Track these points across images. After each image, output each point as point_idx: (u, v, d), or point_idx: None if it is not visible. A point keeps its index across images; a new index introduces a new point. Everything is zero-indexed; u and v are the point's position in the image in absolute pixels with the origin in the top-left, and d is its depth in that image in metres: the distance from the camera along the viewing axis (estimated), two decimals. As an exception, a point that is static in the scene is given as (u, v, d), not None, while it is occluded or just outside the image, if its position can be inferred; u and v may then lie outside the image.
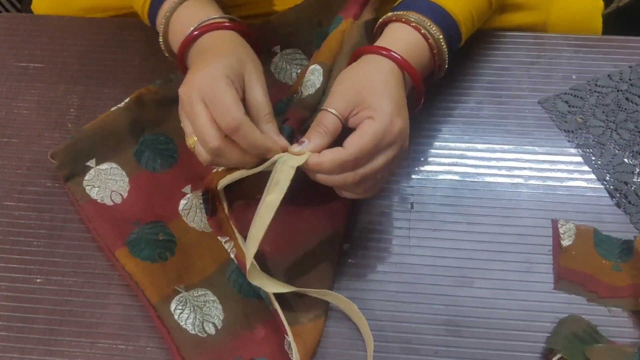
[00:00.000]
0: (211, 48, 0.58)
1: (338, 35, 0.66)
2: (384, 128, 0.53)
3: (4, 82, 0.73)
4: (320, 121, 0.54)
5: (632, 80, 0.70)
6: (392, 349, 0.57)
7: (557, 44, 0.73)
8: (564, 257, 0.60)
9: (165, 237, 0.62)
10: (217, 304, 0.59)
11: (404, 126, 0.55)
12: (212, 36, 0.59)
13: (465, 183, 0.65)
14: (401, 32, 0.59)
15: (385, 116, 0.53)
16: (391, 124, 0.53)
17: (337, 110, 0.54)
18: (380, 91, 0.54)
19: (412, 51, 0.58)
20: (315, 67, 0.63)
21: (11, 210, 0.65)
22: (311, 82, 0.62)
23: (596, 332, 0.56)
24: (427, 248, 0.62)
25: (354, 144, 0.53)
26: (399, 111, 0.54)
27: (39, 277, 0.62)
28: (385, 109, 0.53)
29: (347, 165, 0.53)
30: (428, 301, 0.59)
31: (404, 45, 0.58)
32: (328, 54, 0.64)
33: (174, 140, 0.66)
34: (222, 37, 0.59)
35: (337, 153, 0.53)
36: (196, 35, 0.59)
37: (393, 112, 0.53)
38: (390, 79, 0.56)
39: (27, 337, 0.59)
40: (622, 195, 0.63)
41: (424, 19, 0.59)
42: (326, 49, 0.65)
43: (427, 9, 0.60)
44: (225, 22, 0.60)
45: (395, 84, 0.56)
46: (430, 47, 0.59)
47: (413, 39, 0.59)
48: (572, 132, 0.68)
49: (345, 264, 0.61)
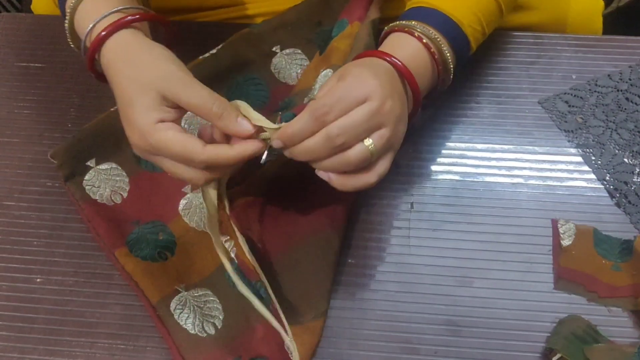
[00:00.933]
0: (122, 70, 0.53)
1: (348, 39, 0.66)
2: (356, 82, 0.51)
3: (4, 82, 0.73)
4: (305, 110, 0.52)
5: (632, 80, 0.70)
6: (392, 349, 0.57)
7: (557, 44, 0.73)
8: (564, 257, 0.60)
9: (165, 236, 0.62)
10: (217, 303, 0.59)
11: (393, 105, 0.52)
12: (118, 43, 0.54)
13: (465, 183, 0.65)
14: (401, 41, 0.58)
15: (359, 76, 0.51)
16: (364, 81, 0.51)
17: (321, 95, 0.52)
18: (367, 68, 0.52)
19: (412, 60, 0.57)
20: (327, 71, 0.63)
21: (11, 210, 0.65)
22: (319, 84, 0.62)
23: (596, 332, 0.56)
24: (427, 248, 0.62)
25: (321, 94, 0.51)
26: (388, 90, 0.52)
27: (39, 277, 0.62)
28: (356, 66, 0.52)
29: (312, 117, 0.50)
30: (428, 301, 0.59)
31: (404, 53, 0.57)
32: (339, 55, 0.64)
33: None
34: (129, 48, 0.54)
35: (303, 115, 0.51)
36: (104, 36, 0.54)
37: (373, 79, 0.51)
38: (385, 73, 0.54)
39: (27, 337, 0.59)
40: (622, 195, 0.63)
41: (434, 32, 0.58)
42: (337, 52, 0.65)
43: (438, 21, 0.59)
44: (128, 16, 0.55)
45: (388, 78, 0.54)
46: (432, 55, 0.58)
47: (413, 48, 0.58)
48: (572, 132, 0.68)
49: (345, 264, 0.61)
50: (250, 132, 0.51)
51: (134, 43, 0.54)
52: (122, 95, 0.52)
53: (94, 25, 0.55)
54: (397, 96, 0.53)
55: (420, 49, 0.58)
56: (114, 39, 0.54)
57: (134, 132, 0.51)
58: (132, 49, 0.53)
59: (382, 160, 0.53)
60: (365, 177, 0.53)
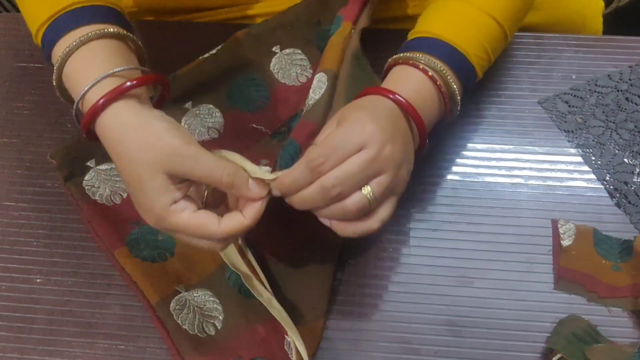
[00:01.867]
0: (125, 152, 0.50)
1: (340, 41, 0.65)
2: (352, 129, 0.49)
3: (3, 83, 0.73)
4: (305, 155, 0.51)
5: (632, 80, 0.70)
6: (392, 349, 0.57)
7: (557, 44, 0.73)
8: (564, 257, 0.60)
9: (165, 237, 0.62)
10: (217, 304, 0.59)
11: (393, 150, 0.50)
12: (115, 118, 0.50)
13: (465, 183, 0.65)
14: (406, 74, 0.56)
15: (357, 121, 0.49)
16: (361, 127, 0.49)
17: None
18: (366, 112, 0.51)
19: (418, 94, 0.55)
20: (320, 75, 0.63)
21: (10, 211, 0.65)
22: (315, 90, 0.62)
23: (596, 332, 0.56)
24: (427, 248, 0.62)
25: (314, 144, 0.51)
26: (389, 134, 0.50)
27: (39, 277, 0.61)
28: (361, 118, 0.50)
29: (308, 168, 0.49)
30: (428, 301, 0.59)
31: (409, 88, 0.55)
32: (333, 61, 0.64)
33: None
34: (128, 125, 0.50)
35: (299, 164, 0.50)
36: (100, 107, 0.50)
37: (367, 118, 0.50)
38: (387, 114, 0.52)
39: (27, 337, 0.59)
40: (622, 195, 0.63)
41: (439, 64, 0.56)
42: (329, 55, 0.64)
43: (443, 52, 0.57)
44: (126, 82, 0.50)
45: (391, 120, 0.52)
46: (439, 88, 0.56)
47: (419, 82, 0.56)
48: (572, 132, 0.68)
49: (345, 264, 0.61)
50: (264, 195, 0.51)
51: (132, 118, 0.50)
52: (130, 180, 0.50)
53: (88, 89, 0.51)
54: (399, 138, 0.51)
55: (426, 82, 0.56)
56: (110, 113, 0.50)
57: (149, 216, 0.51)
58: (131, 126, 0.50)
59: (384, 206, 0.52)
60: (367, 223, 0.52)
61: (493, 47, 0.60)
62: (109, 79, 0.51)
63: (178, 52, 0.73)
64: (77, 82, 0.52)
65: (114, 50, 0.53)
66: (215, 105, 0.68)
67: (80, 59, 0.52)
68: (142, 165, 0.49)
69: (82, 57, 0.52)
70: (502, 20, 0.60)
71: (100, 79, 0.51)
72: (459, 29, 0.58)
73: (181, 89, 0.67)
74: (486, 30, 0.60)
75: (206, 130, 0.67)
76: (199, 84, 0.68)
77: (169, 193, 0.49)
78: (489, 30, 0.60)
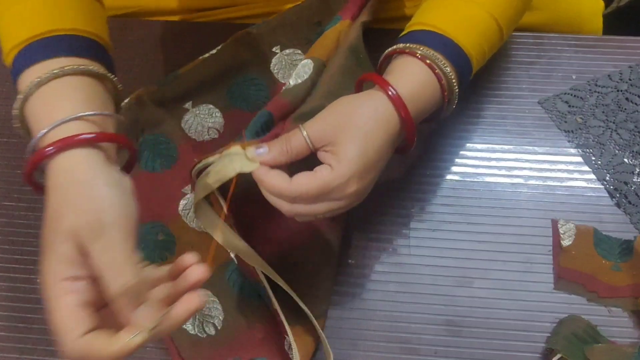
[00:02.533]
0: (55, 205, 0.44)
1: (334, 35, 0.66)
2: (337, 184, 0.50)
3: (4, 82, 0.73)
4: (289, 138, 0.51)
5: (632, 80, 0.70)
6: (392, 349, 0.57)
7: (557, 44, 0.73)
8: (564, 257, 0.60)
9: (165, 237, 0.62)
10: (217, 304, 0.59)
11: (360, 189, 0.51)
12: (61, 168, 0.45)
13: (465, 183, 0.65)
14: (412, 67, 0.55)
15: (344, 174, 0.50)
16: (346, 184, 0.50)
17: (310, 137, 0.51)
18: (357, 141, 0.51)
19: (421, 90, 0.55)
20: (306, 61, 0.63)
21: (11, 211, 0.65)
22: (300, 74, 0.62)
23: (596, 332, 0.56)
24: (427, 248, 0.62)
25: (300, 185, 0.50)
26: (363, 172, 0.51)
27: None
28: (348, 166, 0.50)
29: (285, 197, 0.51)
30: (428, 301, 0.59)
31: (414, 84, 0.54)
32: (322, 51, 0.64)
33: (173, 140, 0.66)
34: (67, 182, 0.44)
35: (281, 182, 0.50)
36: (51, 153, 0.44)
37: (355, 172, 0.50)
38: (378, 127, 0.52)
39: (27, 337, 0.59)
40: (622, 195, 0.63)
41: (437, 55, 0.56)
42: (320, 46, 0.65)
43: (439, 43, 0.56)
44: (82, 134, 0.45)
45: (380, 134, 0.52)
46: (442, 85, 0.55)
47: (424, 77, 0.55)
48: (572, 132, 0.67)
49: (345, 264, 0.61)
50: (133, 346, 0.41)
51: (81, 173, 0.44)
52: (44, 237, 0.44)
53: (47, 132, 0.45)
54: (368, 174, 0.52)
55: (425, 70, 0.55)
56: (63, 159, 0.45)
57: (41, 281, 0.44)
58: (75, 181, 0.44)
59: None
60: None
61: (490, 46, 0.60)
62: (74, 123, 0.46)
63: (178, 52, 0.73)
64: (38, 119, 0.47)
65: (88, 91, 0.48)
66: (215, 105, 0.68)
67: (44, 99, 0.47)
68: (60, 224, 0.43)
69: (52, 93, 0.47)
70: (501, 21, 0.60)
71: (60, 123, 0.45)
72: (460, 24, 0.58)
73: (181, 89, 0.67)
74: (486, 29, 0.59)
75: (206, 130, 0.67)
76: (199, 84, 0.68)
77: (69, 266, 0.42)
78: (488, 29, 0.60)
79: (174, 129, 0.66)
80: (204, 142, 0.67)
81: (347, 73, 0.63)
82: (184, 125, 0.67)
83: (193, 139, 0.67)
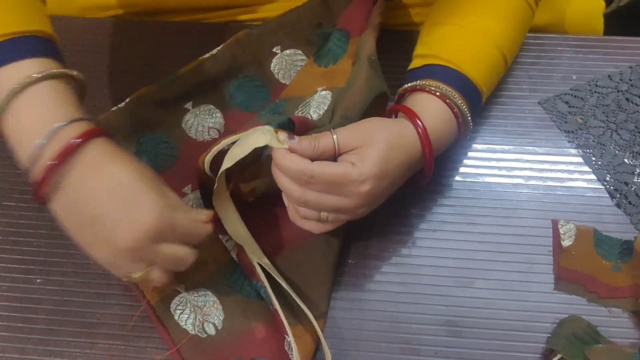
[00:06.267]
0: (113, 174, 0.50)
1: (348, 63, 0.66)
2: (354, 178, 0.52)
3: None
4: (318, 137, 0.54)
5: (632, 80, 0.70)
6: (392, 349, 0.57)
7: (557, 44, 0.73)
8: (564, 258, 0.60)
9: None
10: (217, 304, 0.59)
11: (371, 193, 0.53)
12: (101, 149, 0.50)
13: (465, 183, 0.65)
14: (433, 105, 0.58)
15: (364, 172, 0.52)
16: (363, 181, 0.52)
17: (338, 140, 0.53)
18: (381, 149, 0.53)
19: (442, 127, 0.58)
20: (326, 93, 0.64)
21: (11, 211, 0.65)
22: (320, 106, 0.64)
23: (596, 332, 0.56)
24: (427, 248, 0.62)
25: (322, 165, 0.52)
26: (380, 177, 0.53)
27: (39, 277, 0.61)
28: (369, 166, 0.52)
29: (301, 177, 0.52)
30: (428, 301, 0.59)
31: (434, 122, 0.57)
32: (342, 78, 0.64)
33: (174, 140, 0.66)
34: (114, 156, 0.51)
35: (301, 159, 0.52)
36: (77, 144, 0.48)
37: (374, 174, 0.53)
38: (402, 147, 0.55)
39: (27, 337, 0.59)
40: (623, 196, 0.63)
41: (454, 93, 0.58)
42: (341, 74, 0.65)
43: (455, 79, 0.58)
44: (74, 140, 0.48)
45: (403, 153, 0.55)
46: (459, 123, 0.59)
47: (444, 115, 0.58)
48: (572, 132, 0.68)
49: (345, 264, 0.61)
50: None
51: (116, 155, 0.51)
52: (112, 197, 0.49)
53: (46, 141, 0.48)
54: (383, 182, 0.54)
55: (445, 109, 0.58)
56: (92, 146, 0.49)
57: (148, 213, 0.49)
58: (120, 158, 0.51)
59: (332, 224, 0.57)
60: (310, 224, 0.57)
61: (498, 78, 0.64)
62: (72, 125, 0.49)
63: (178, 52, 0.73)
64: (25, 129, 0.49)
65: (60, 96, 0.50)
66: (215, 106, 0.68)
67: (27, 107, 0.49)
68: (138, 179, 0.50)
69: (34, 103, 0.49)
70: (507, 53, 0.62)
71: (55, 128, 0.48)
72: (472, 59, 0.60)
73: (181, 89, 0.67)
74: (495, 62, 0.62)
75: (206, 130, 0.67)
76: (199, 84, 0.68)
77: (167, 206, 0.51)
78: (497, 63, 0.62)
79: (175, 129, 0.66)
80: (204, 142, 0.67)
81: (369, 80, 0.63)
82: (184, 126, 0.67)
83: (193, 139, 0.67)
